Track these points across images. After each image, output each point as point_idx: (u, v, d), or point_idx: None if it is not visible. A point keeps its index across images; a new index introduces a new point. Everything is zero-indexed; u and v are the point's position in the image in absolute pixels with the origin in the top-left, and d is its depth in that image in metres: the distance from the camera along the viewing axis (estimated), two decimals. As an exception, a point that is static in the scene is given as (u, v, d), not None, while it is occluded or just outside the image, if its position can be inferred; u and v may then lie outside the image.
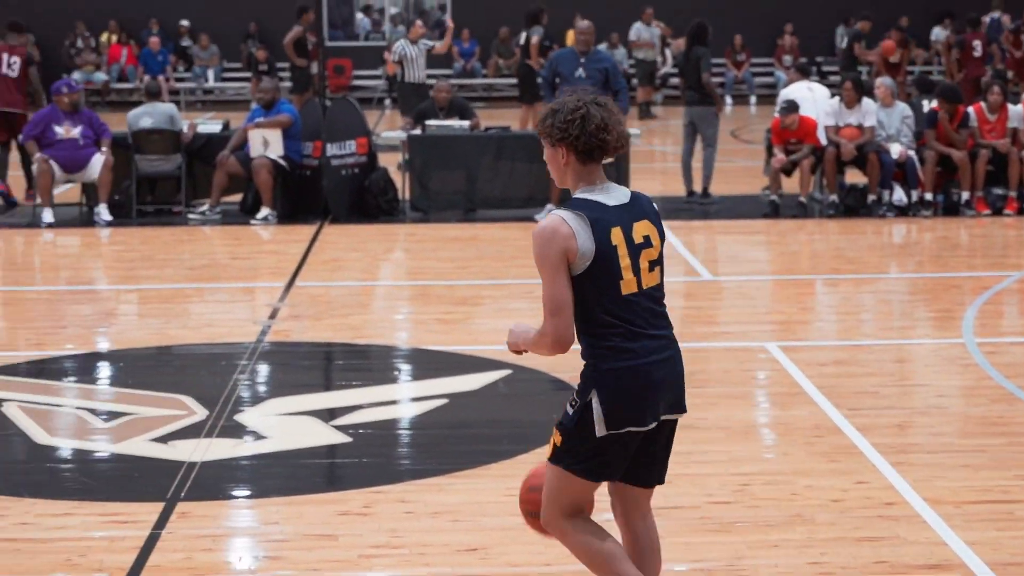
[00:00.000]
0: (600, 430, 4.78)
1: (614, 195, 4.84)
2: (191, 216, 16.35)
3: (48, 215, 15.94)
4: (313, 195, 16.29)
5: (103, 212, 15.99)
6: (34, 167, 16.31)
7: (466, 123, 16.92)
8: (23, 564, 6.14)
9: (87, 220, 16.33)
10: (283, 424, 8.35)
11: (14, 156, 17.80)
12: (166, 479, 7.21)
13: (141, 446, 7.86)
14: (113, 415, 8.49)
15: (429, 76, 19.84)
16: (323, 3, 17.86)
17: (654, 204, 4.97)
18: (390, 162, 17.55)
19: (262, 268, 13.81)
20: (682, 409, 4.96)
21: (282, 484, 7.27)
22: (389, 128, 20.58)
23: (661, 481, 5.06)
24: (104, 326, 11.31)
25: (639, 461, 4.95)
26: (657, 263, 4.87)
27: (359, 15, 35.13)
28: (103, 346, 10.57)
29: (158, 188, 16.95)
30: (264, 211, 16.02)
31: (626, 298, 4.77)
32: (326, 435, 8.13)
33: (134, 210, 16.41)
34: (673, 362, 4.89)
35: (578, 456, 4.85)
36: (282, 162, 16.07)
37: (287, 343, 10.49)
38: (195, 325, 11.16)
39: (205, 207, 16.46)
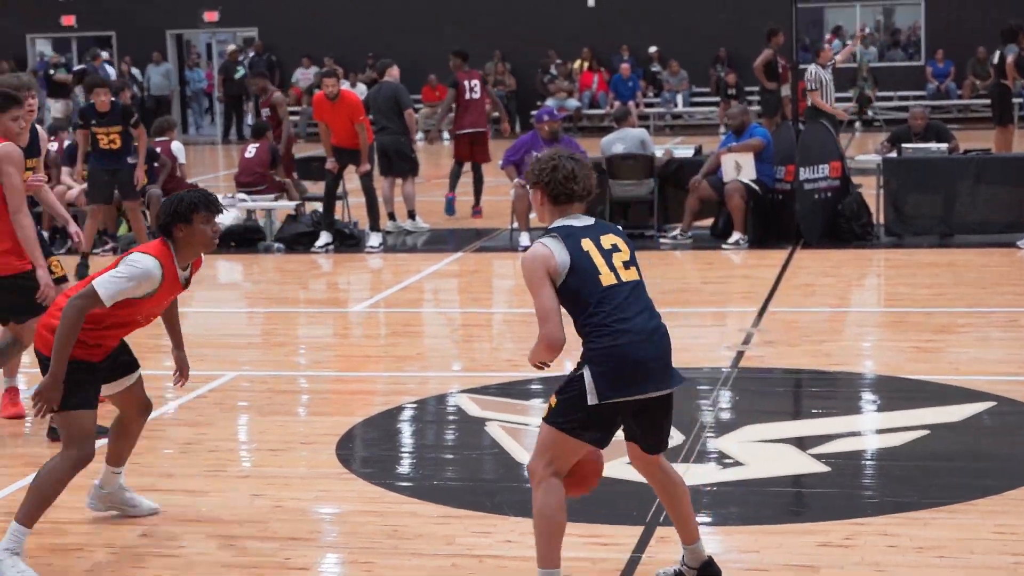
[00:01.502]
0: (592, 399, 5.64)
1: (581, 221, 5.83)
2: (663, 240, 16.52)
3: (525, 238, 16.42)
4: (785, 219, 16.18)
5: (577, 236, 16.34)
6: (511, 192, 16.86)
7: (944, 146, 16.48)
8: (508, 581, 6.30)
9: (562, 244, 16.72)
10: (759, 451, 8.28)
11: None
12: (645, 503, 7.25)
13: (619, 468, 7.93)
14: (590, 437, 8.61)
15: (900, 97, 19.43)
16: (793, 25, 17.69)
17: (618, 228, 5.95)
18: (866, 185, 17.24)
19: (733, 293, 13.80)
20: (667, 386, 5.79)
21: (759, 512, 7.21)
22: (860, 151, 20.22)
23: (661, 450, 5.94)
24: (576, 349, 11.49)
25: (643, 431, 5.87)
26: (631, 264, 5.80)
27: (828, 36, 34.75)
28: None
29: (631, 212, 17.22)
30: (736, 235, 16.03)
31: (607, 288, 5.68)
32: (803, 464, 8.02)
33: (607, 234, 16.69)
34: (657, 343, 5.74)
35: (569, 418, 5.68)
36: (754, 186, 16.04)
37: (760, 369, 10.42)
38: (668, 349, 11.22)
39: (677, 231, 16.60)
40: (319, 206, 17.36)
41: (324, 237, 16.95)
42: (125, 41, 37.39)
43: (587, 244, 5.73)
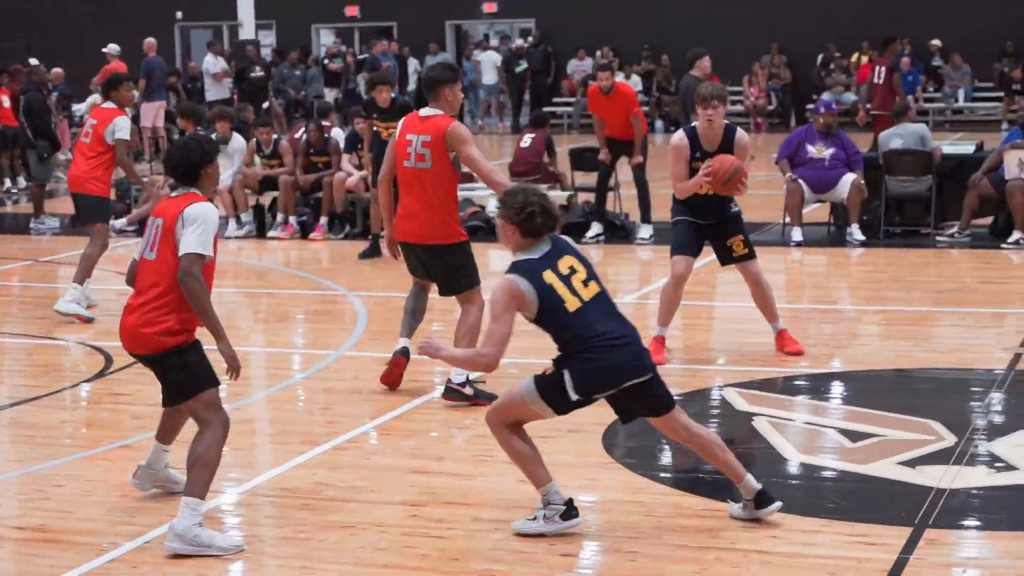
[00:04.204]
0: (573, 396, 6.64)
1: (539, 249, 6.70)
2: (940, 238, 16.17)
3: (797, 234, 16.25)
4: (1069, 219, 15.69)
5: (855, 232, 16.10)
6: (783, 186, 16.69)
7: None
8: (772, 576, 6.28)
9: (836, 240, 16.52)
10: (1035, 456, 8.07)
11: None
12: (913, 504, 7.15)
13: (888, 468, 7.83)
14: (858, 435, 8.51)
15: None
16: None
17: (570, 242, 6.84)
18: None
19: (1012, 293, 13.43)
20: (644, 373, 6.66)
21: (1034, 519, 7.03)
22: None
23: (663, 411, 6.82)
24: (847, 347, 11.36)
25: (637, 406, 6.82)
26: (590, 279, 6.71)
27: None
28: (846, 366, 10.62)
29: (907, 208, 16.88)
30: (1016, 235, 15.59)
31: (574, 313, 6.59)
32: (1081, 471, 7.79)
33: (882, 231, 16.42)
34: (625, 348, 6.61)
35: (550, 392, 6.66)
36: (1038, 184, 15.58)
37: (1038, 372, 10.14)
38: (942, 349, 11.01)
39: (954, 229, 16.23)
40: (591, 197, 17.46)
41: (595, 228, 17.06)
42: (406, 31, 38.14)
43: (549, 277, 6.60)
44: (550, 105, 35.23)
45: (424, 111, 9.49)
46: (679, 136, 10.46)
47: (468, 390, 9.43)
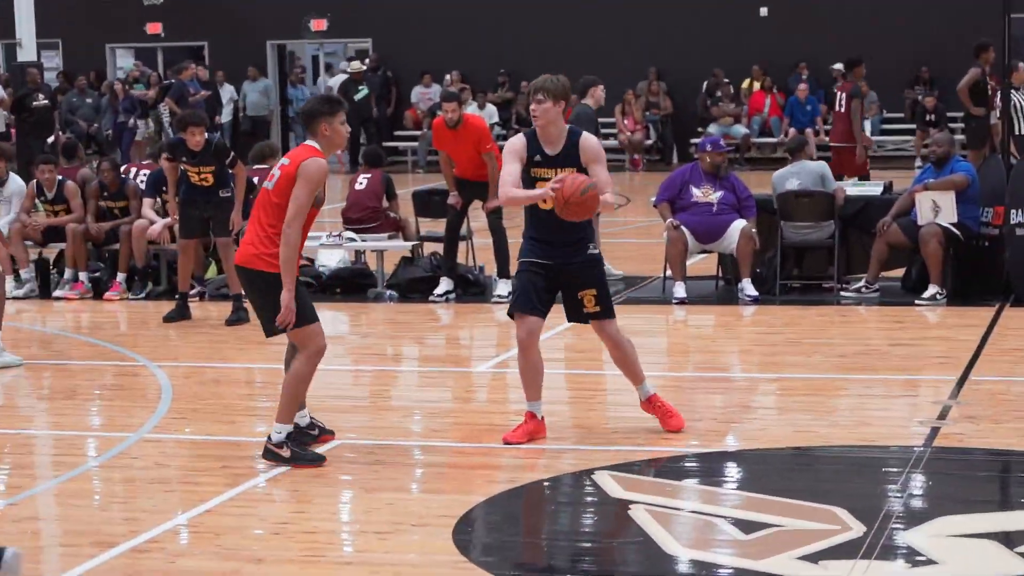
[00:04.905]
0: None
1: None
2: (845, 294, 16.41)
3: (679, 289, 16.38)
4: (992, 270, 16.00)
5: (747, 287, 16.24)
6: (663, 234, 16.82)
7: None
8: None
9: (725, 296, 16.68)
10: (956, 547, 8.19)
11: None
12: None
13: (786, 564, 7.90)
14: (753, 525, 8.58)
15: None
16: (1005, 39, 17.45)
17: None
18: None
19: (928, 357, 13.66)
20: None
21: (955, 620, 7.14)
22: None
23: None
24: (739, 421, 11.47)
25: None
26: None
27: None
28: (738, 444, 10.72)
29: (806, 259, 17.12)
30: (932, 289, 15.87)
31: None
32: (1009, 564, 7.91)
33: (777, 286, 16.62)
34: None
35: None
36: (955, 230, 15.88)
37: (958, 449, 10.31)
38: (847, 423, 11.15)
39: (861, 283, 16.48)
40: (439, 247, 17.45)
41: (444, 284, 17.05)
42: (219, 52, 37.97)
43: None
44: (391, 139, 35.28)
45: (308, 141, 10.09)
46: (518, 135, 10.69)
47: (285, 451, 9.80)
